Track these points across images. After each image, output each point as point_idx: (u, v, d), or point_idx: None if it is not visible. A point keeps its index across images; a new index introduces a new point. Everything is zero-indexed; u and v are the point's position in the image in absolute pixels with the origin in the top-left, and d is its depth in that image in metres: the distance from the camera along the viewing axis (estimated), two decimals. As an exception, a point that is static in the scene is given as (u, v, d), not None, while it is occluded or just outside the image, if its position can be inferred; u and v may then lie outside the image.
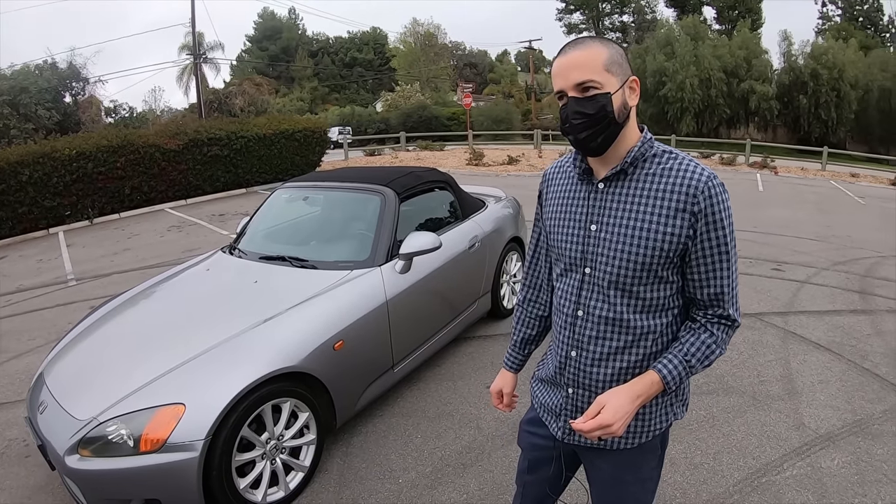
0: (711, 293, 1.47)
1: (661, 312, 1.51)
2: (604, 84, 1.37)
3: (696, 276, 1.46)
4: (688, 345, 1.47)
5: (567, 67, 1.39)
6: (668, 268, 1.45)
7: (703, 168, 1.41)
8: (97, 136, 12.89)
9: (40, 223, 11.80)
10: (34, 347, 5.37)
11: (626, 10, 51.68)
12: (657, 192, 1.42)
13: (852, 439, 3.38)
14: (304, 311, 3.26)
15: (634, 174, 1.46)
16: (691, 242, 1.42)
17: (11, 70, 24.96)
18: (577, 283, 1.55)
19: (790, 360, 4.47)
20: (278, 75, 56.99)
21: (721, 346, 1.49)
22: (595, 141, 1.41)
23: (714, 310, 1.49)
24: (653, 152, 1.46)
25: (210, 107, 31.36)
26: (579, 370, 1.58)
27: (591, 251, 1.50)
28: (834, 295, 6.09)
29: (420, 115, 37.20)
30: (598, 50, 1.38)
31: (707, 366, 1.49)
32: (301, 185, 4.74)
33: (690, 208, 1.38)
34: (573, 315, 1.56)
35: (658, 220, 1.41)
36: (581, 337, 1.55)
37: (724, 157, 23.26)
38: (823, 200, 14.17)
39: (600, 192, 1.50)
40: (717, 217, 1.40)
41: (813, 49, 33.69)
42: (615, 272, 1.46)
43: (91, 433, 2.59)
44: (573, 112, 1.39)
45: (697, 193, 1.38)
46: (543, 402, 1.74)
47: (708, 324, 1.49)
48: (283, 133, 15.72)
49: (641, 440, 1.60)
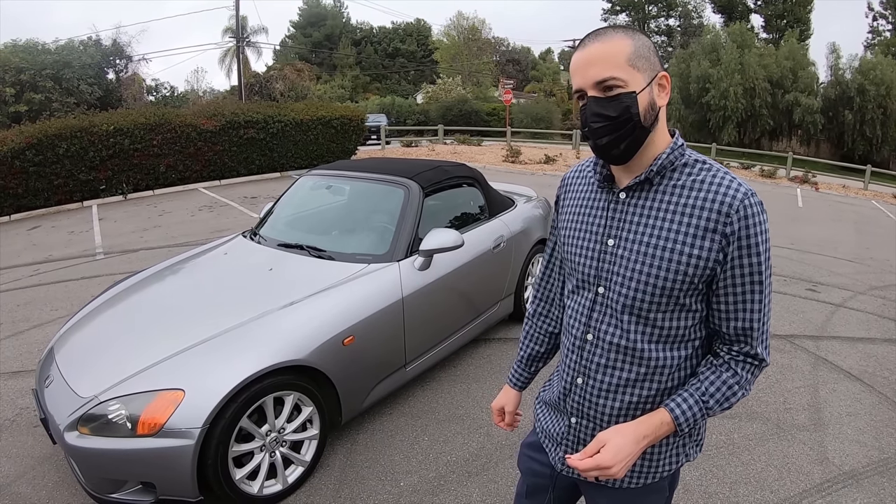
0: (739, 327, 1.29)
1: (680, 344, 1.34)
2: (628, 82, 1.20)
3: (722, 306, 1.29)
4: (707, 383, 1.31)
5: (586, 63, 1.22)
6: (691, 295, 1.28)
7: (739, 183, 1.23)
8: (135, 114, 13.09)
9: (75, 196, 12.02)
10: (56, 318, 5.43)
11: (673, 14, 50.88)
12: (685, 206, 1.24)
13: (877, 479, 3.21)
14: (315, 302, 3.19)
15: (661, 185, 1.29)
16: (720, 268, 1.24)
17: (56, 45, 25.37)
18: (588, 304, 1.40)
19: (819, 387, 4.29)
20: (320, 62, 57.27)
21: (745, 388, 1.32)
22: (617, 147, 1.24)
23: (740, 346, 1.31)
24: (683, 161, 1.29)
25: (251, 90, 31.61)
26: (584, 399, 1.43)
27: (605, 269, 1.34)
28: (869, 321, 5.85)
29: (460, 109, 37.02)
30: (622, 42, 1.21)
31: (727, 409, 1.32)
32: (326, 173, 4.68)
33: (722, 229, 1.21)
34: (582, 339, 1.41)
35: (684, 240, 1.24)
36: (589, 364, 1.40)
37: (765, 170, 22.77)
38: (864, 221, 13.74)
39: (621, 202, 1.33)
40: (752, 241, 1.22)
41: (861, 64, 32.70)
42: (631, 294, 1.30)
43: (91, 411, 2.58)
44: (592, 114, 1.22)
45: (731, 212, 1.20)
46: (545, 427, 1.60)
47: (732, 361, 1.31)
48: (321, 120, 15.76)
49: (646, 481, 1.44)
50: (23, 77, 22.41)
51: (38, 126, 11.74)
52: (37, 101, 22.43)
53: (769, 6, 42.21)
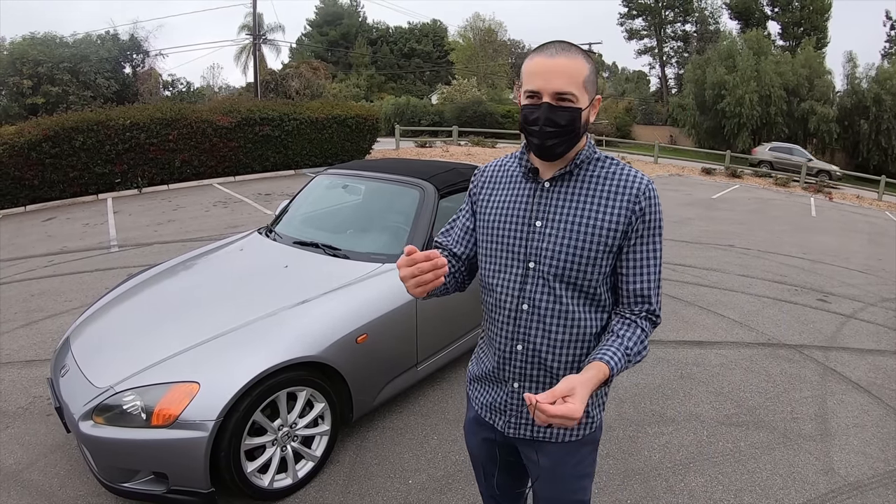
0: (638, 289, 1.53)
1: (602, 308, 1.57)
2: (579, 99, 1.42)
3: (626, 270, 1.53)
4: (625, 338, 1.49)
5: (551, 72, 1.40)
6: (607, 257, 1.50)
7: (643, 174, 1.52)
8: (151, 108, 13.21)
9: (90, 188, 12.15)
10: (70, 309, 5.49)
11: (689, 19, 50.61)
12: (601, 192, 1.50)
13: (882, 491, 3.21)
14: (330, 300, 3.23)
15: (580, 175, 1.53)
16: (627, 238, 1.50)
17: (74, 38, 25.57)
18: (519, 278, 1.56)
19: (827, 398, 4.28)
20: (336, 61, 57.38)
21: (647, 345, 1.54)
22: (557, 150, 1.46)
23: (641, 306, 1.54)
24: (596, 157, 1.55)
25: (266, 87, 31.70)
26: (526, 363, 1.60)
27: (535, 246, 1.53)
28: (879, 333, 5.83)
29: (475, 111, 36.93)
30: (583, 64, 1.43)
31: (637, 362, 1.52)
32: (342, 172, 4.71)
33: (632, 207, 1.47)
34: (516, 309, 1.57)
35: (602, 217, 1.48)
36: (528, 330, 1.57)
37: (779, 178, 22.67)
38: (877, 232, 13.64)
39: (546, 190, 1.55)
40: (653, 217, 1.50)
41: (878, 73, 32.45)
42: (561, 265, 1.50)
43: (106, 401, 2.62)
44: (546, 119, 1.42)
45: (640, 195, 1.48)
46: (483, 401, 1.75)
47: (639, 319, 1.53)
48: (336, 118, 15.85)
49: (586, 431, 1.65)
50: (40, 70, 22.63)
51: (55, 118, 11.89)
52: (54, 93, 22.66)
53: (786, 13, 41.95)
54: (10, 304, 5.72)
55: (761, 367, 4.72)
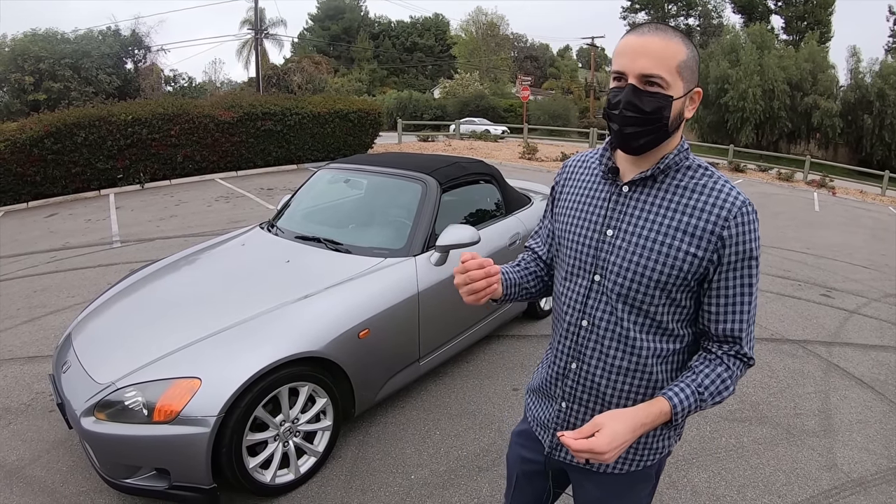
0: (728, 329, 1.33)
1: (670, 338, 1.38)
2: (670, 85, 1.23)
3: (713, 308, 1.33)
4: (702, 376, 1.32)
5: (638, 51, 1.23)
6: (683, 290, 1.32)
7: (739, 191, 1.29)
8: (153, 104, 13.22)
9: (92, 184, 12.16)
10: (72, 305, 5.50)
11: (693, 13, 50.56)
12: (685, 206, 1.29)
13: (885, 488, 3.19)
14: (331, 295, 3.22)
15: (664, 183, 1.33)
16: (713, 269, 1.29)
17: (75, 34, 25.57)
18: (584, 291, 1.42)
19: (830, 394, 4.27)
20: (338, 55, 57.41)
21: (734, 384, 1.35)
22: (638, 140, 1.28)
23: (730, 346, 1.35)
24: (687, 164, 1.34)
25: (268, 82, 31.72)
26: (578, 384, 1.46)
27: (603, 257, 1.38)
28: (883, 329, 5.81)
29: (477, 105, 36.99)
30: (679, 46, 1.24)
31: (717, 403, 1.34)
32: (344, 166, 4.70)
33: (720, 231, 1.26)
34: (577, 324, 1.43)
35: (682, 238, 1.28)
36: (584, 349, 1.43)
37: (782, 173, 22.59)
38: (880, 227, 13.60)
39: (623, 195, 1.37)
40: (747, 247, 1.27)
41: (882, 68, 32.31)
42: (626, 284, 1.34)
43: (108, 397, 2.62)
44: (627, 102, 1.24)
45: (730, 217, 1.26)
46: (535, 415, 1.63)
47: (725, 356, 1.34)
48: (338, 113, 15.84)
49: (631, 468, 1.48)
50: (42, 66, 22.66)
51: (56, 114, 11.89)
52: (55, 89, 22.68)
53: (790, 8, 41.85)
54: (12, 301, 5.73)
55: (764, 363, 4.70)
